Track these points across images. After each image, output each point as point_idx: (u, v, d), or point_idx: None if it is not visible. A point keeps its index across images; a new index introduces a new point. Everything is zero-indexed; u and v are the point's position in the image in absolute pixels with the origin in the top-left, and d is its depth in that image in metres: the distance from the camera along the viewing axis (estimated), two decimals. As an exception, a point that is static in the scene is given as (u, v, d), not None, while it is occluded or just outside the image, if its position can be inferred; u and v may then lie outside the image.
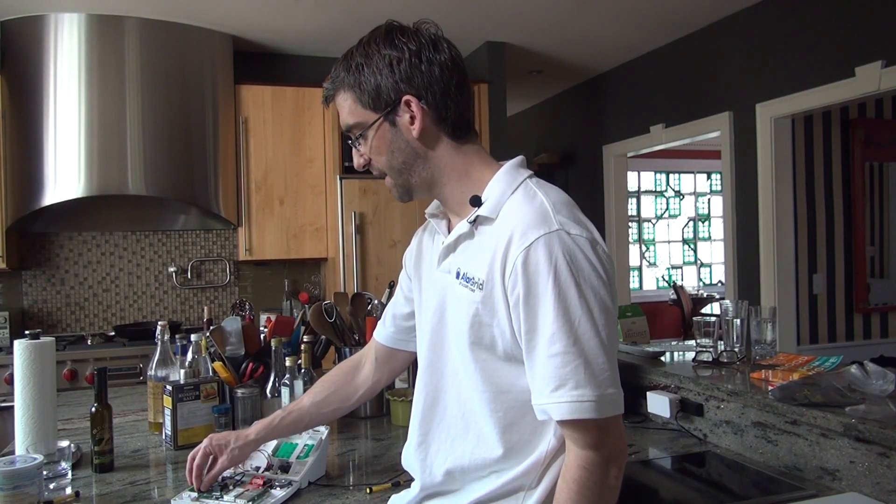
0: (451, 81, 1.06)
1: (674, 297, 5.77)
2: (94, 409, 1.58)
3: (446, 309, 1.09)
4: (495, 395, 1.05)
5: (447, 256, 1.11)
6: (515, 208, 1.02)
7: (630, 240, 5.43)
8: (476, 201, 1.06)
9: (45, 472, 1.37)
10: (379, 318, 2.06)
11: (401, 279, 1.35)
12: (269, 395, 1.87)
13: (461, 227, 1.08)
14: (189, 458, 1.37)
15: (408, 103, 1.05)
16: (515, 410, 1.05)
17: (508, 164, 1.09)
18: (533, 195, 1.02)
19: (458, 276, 1.06)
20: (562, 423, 0.98)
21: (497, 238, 1.00)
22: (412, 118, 1.05)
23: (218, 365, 1.87)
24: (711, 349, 2.07)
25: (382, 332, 1.39)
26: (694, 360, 2.03)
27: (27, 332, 1.61)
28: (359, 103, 1.07)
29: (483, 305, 1.01)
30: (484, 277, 1.01)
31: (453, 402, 1.11)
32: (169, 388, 1.76)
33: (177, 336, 1.93)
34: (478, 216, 1.05)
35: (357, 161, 1.13)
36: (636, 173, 6.60)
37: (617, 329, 1.01)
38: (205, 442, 1.38)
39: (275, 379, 1.88)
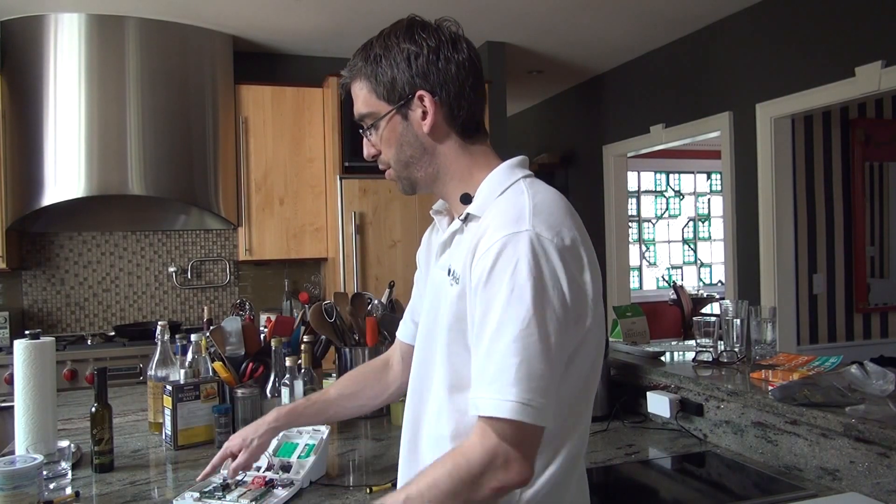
0: (466, 81, 1.07)
1: (674, 297, 5.79)
2: (94, 409, 1.59)
3: (439, 305, 1.09)
4: (458, 401, 1.04)
5: (443, 252, 1.11)
6: (499, 207, 1.02)
7: (630, 240, 5.43)
8: (466, 199, 1.07)
9: (45, 472, 1.37)
10: (379, 318, 2.07)
11: (416, 278, 1.33)
12: (269, 395, 1.87)
13: (454, 224, 1.09)
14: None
15: (421, 98, 1.06)
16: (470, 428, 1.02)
17: (504, 164, 1.09)
18: (519, 195, 1.02)
19: (448, 273, 1.07)
20: (481, 416, 0.94)
21: (477, 234, 1.01)
22: (424, 113, 1.06)
23: (218, 365, 1.87)
24: (711, 349, 2.07)
25: (404, 330, 1.35)
26: (694, 360, 2.03)
27: (27, 332, 1.61)
28: (373, 94, 1.08)
29: (459, 300, 1.02)
30: (461, 272, 1.02)
31: (434, 400, 1.10)
32: (169, 388, 1.76)
33: (177, 336, 1.93)
34: (468, 214, 1.05)
35: (367, 151, 1.14)
36: (636, 173, 6.60)
37: (573, 339, 0.98)
38: (226, 445, 1.37)
39: (275, 379, 1.88)
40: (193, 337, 1.92)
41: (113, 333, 3.79)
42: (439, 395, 1.08)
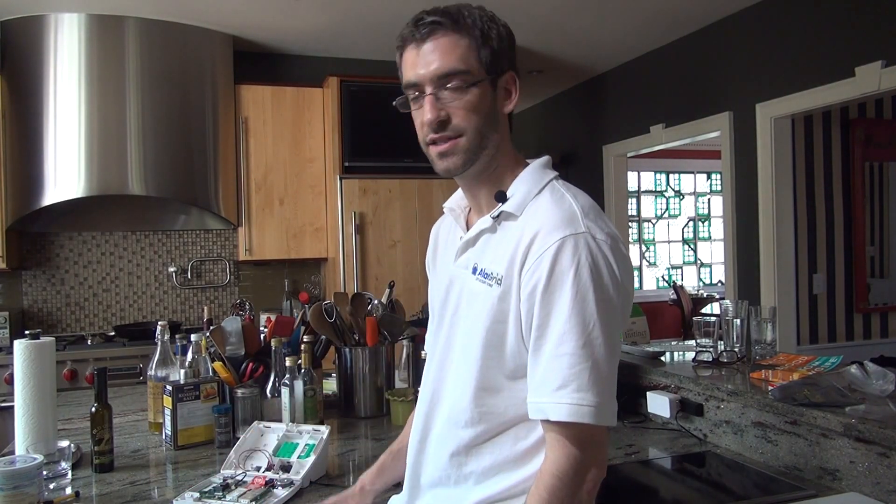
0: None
1: (674, 297, 5.78)
2: (94, 409, 1.59)
3: (461, 305, 1.08)
4: (485, 408, 1.04)
5: (465, 251, 1.10)
6: (542, 208, 1.01)
7: (630, 240, 5.43)
8: (501, 197, 1.06)
9: (45, 472, 1.37)
10: (379, 318, 2.07)
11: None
12: (269, 395, 1.87)
13: (483, 222, 1.07)
14: None
15: (513, 78, 1.08)
16: (496, 429, 1.04)
17: (535, 164, 1.09)
18: (560, 197, 1.02)
19: (474, 272, 1.05)
20: (552, 424, 0.96)
21: (520, 235, 1.00)
22: (509, 93, 1.08)
23: (218, 365, 1.87)
24: (711, 349, 2.07)
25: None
26: (694, 360, 2.03)
27: (27, 332, 1.61)
28: (474, 54, 1.03)
29: (500, 301, 1.00)
30: (503, 273, 1.00)
31: (448, 399, 1.10)
32: (169, 388, 1.76)
33: (177, 336, 1.93)
34: (502, 212, 1.04)
35: (433, 114, 1.02)
36: (636, 173, 6.60)
37: (621, 335, 1.00)
38: None
39: (275, 379, 1.88)
40: (193, 337, 1.92)
41: (113, 333, 3.79)
42: (460, 395, 1.06)
